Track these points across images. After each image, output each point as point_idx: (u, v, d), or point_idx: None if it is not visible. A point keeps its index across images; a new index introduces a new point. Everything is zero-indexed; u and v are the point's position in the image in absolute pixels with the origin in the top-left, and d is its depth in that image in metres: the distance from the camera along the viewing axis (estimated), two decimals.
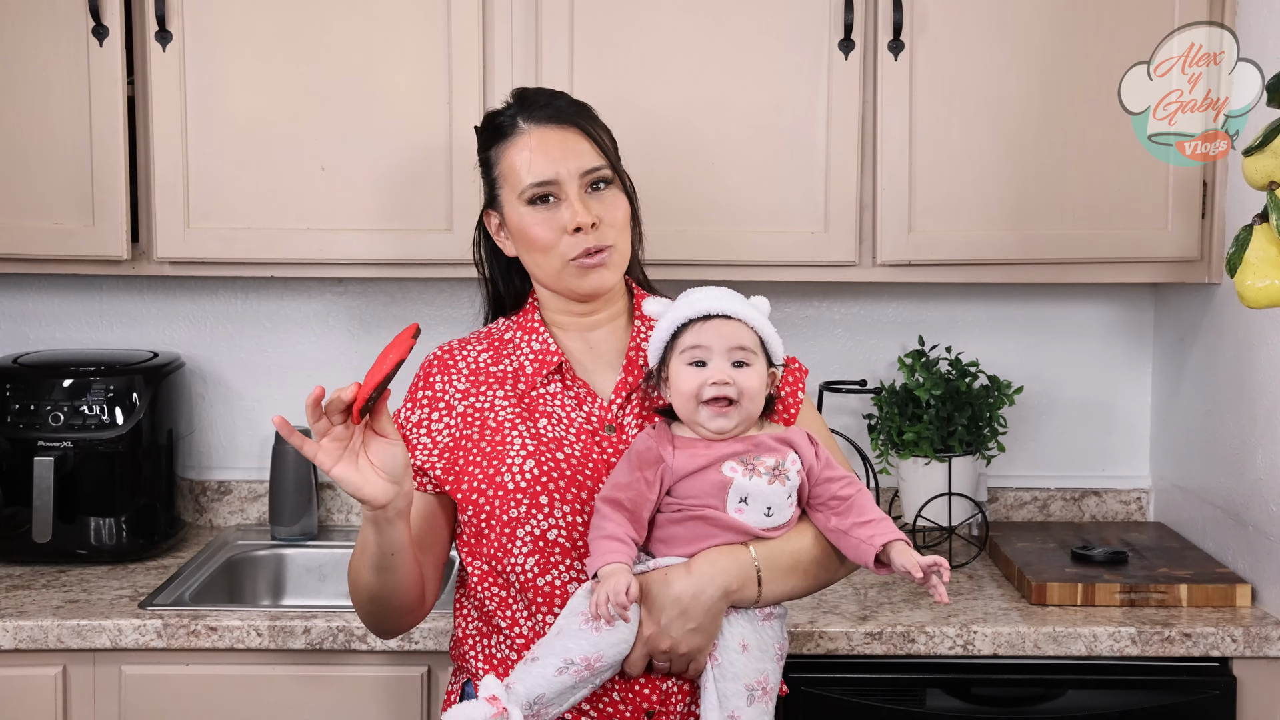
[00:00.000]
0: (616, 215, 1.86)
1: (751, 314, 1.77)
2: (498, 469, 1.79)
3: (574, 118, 1.89)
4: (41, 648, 2.21)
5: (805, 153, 2.45)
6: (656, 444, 1.75)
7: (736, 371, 1.74)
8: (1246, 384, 2.39)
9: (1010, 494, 2.84)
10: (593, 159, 1.86)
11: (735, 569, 1.72)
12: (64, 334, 2.84)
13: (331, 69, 2.44)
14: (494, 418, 1.83)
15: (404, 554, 1.73)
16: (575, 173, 1.84)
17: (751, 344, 1.76)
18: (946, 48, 2.43)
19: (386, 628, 1.88)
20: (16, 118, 2.45)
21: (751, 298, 1.82)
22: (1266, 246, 1.61)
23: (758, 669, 1.73)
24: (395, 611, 1.82)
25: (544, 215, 1.84)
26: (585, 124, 1.89)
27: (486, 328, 1.97)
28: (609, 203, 1.86)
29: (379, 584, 1.76)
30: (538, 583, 1.77)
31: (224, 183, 2.45)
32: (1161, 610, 2.30)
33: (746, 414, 1.75)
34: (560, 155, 1.84)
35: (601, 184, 1.86)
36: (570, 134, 1.86)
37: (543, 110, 1.88)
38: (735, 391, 1.73)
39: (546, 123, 1.87)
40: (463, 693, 1.86)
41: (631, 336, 1.90)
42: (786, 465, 1.75)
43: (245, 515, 2.84)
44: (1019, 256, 2.47)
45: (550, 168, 1.84)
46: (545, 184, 1.84)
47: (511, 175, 1.86)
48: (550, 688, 1.66)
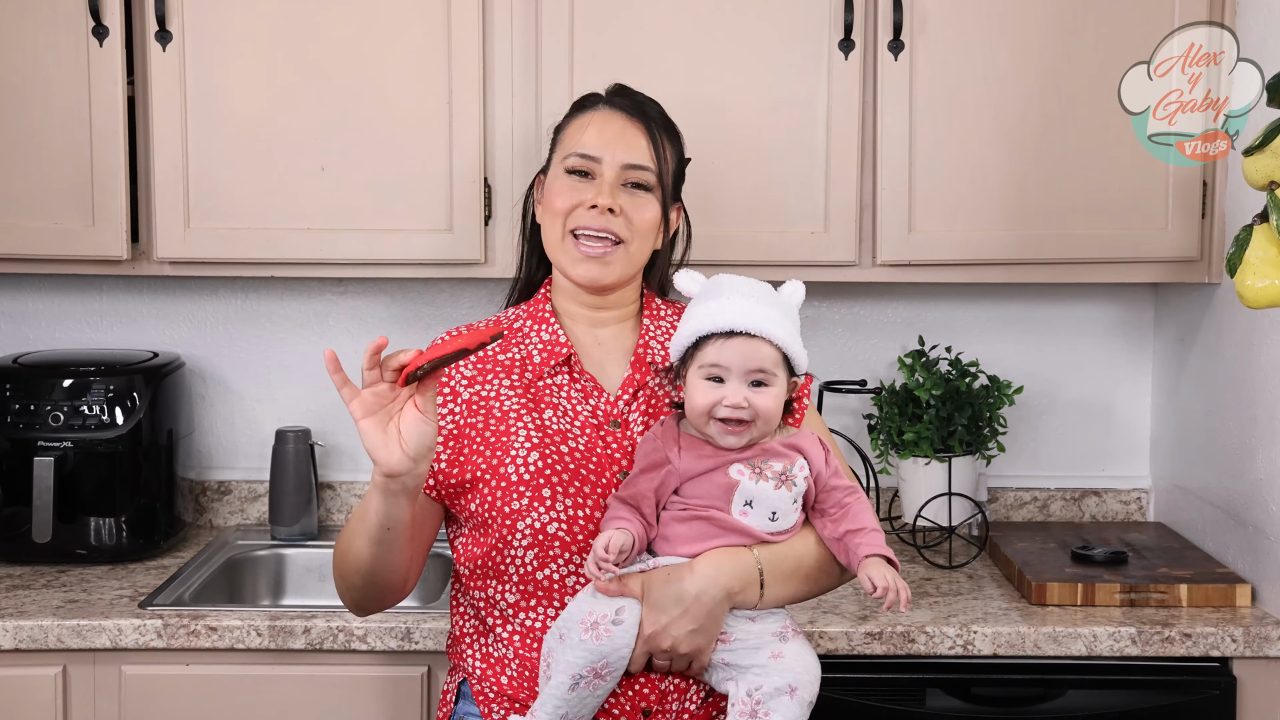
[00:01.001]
0: (644, 217, 1.86)
1: (776, 329, 1.72)
2: (501, 460, 1.79)
3: (648, 118, 1.90)
4: (41, 648, 2.21)
5: (805, 153, 2.45)
6: (662, 445, 1.74)
7: (754, 392, 1.71)
8: (1246, 384, 2.39)
9: (1010, 494, 2.84)
10: (642, 158, 1.86)
11: (738, 571, 1.72)
12: (64, 334, 2.84)
13: (331, 69, 2.44)
14: (499, 407, 1.83)
15: (402, 532, 1.72)
16: (619, 161, 1.85)
17: (772, 363, 1.72)
18: (946, 48, 2.43)
19: (367, 605, 1.85)
20: (16, 118, 2.45)
21: (784, 285, 1.79)
22: (1266, 246, 1.61)
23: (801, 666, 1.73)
24: (381, 588, 1.80)
25: (573, 183, 1.86)
26: (657, 129, 1.89)
27: (496, 316, 1.97)
28: (638, 204, 1.86)
29: (371, 557, 1.74)
30: (537, 576, 1.77)
31: (224, 183, 2.45)
32: (1161, 610, 2.30)
33: (760, 433, 1.74)
34: (614, 138, 1.86)
35: (639, 187, 1.86)
36: (634, 127, 1.88)
37: (627, 100, 1.92)
38: (750, 414, 1.71)
39: (618, 109, 1.90)
40: (458, 693, 1.86)
41: (640, 334, 1.90)
42: (794, 471, 1.74)
43: (245, 515, 2.84)
44: (1019, 256, 2.47)
45: (599, 144, 1.86)
46: (587, 157, 1.86)
47: (567, 141, 1.90)
48: (570, 705, 1.68)
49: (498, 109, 2.45)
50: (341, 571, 1.81)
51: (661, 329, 1.91)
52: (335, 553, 1.82)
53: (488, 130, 2.45)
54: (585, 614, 1.69)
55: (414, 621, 2.22)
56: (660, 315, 1.93)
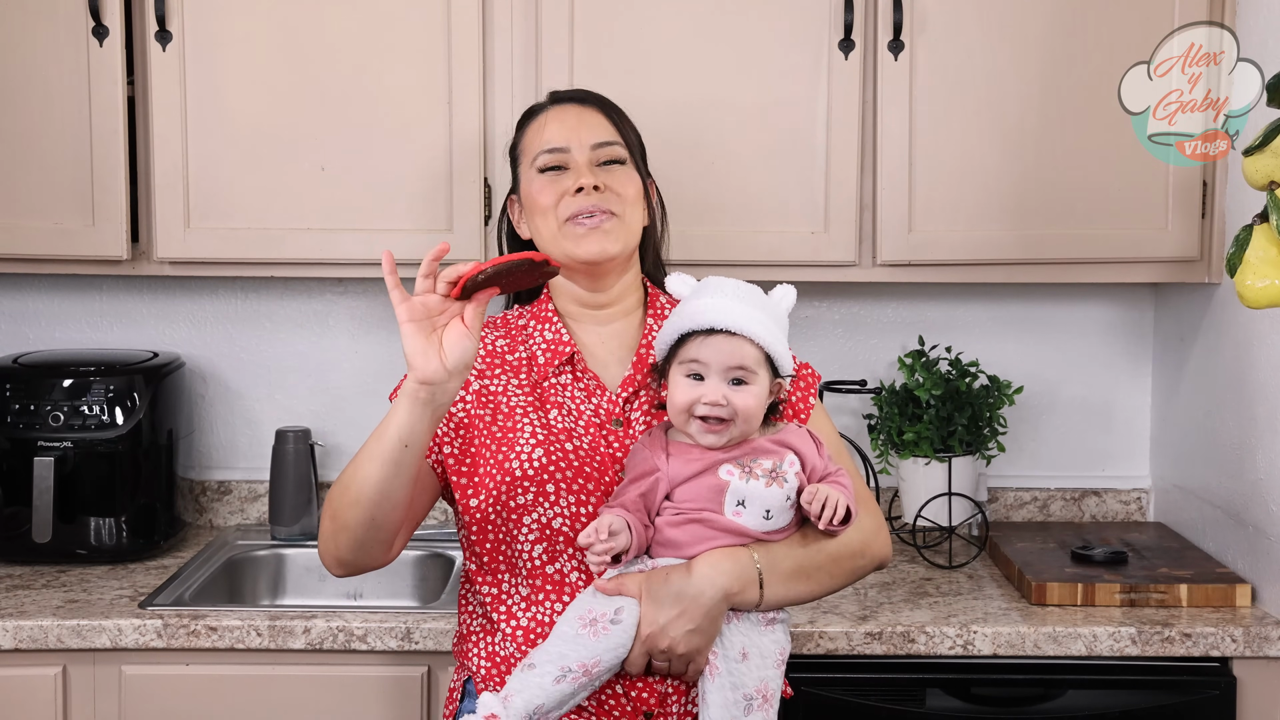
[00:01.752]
0: (627, 189, 1.88)
1: (758, 328, 1.72)
2: (506, 455, 1.79)
3: (597, 101, 1.96)
4: (41, 648, 2.21)
5: (805, 153, 2.45)
6: (650, 453, 1.74)
7: (733, 391, 1.72)
8: (1246, 384, 2.39)
9: (1010, 494, 2.84)
10: (605, 133, 1.91)
11: (736, 571, 1.72)
12: (64, 334, 2.84)
13: (331, 69, 2.44)
14: (506, 403, 1.83)
15: (416, 454, 1.69)
16: (587, 143, 1.89)
17: (753, 362, 1.73)
18: (946, 48, 2.43)
19: (354, 553, 1.77)
20: (16, 118, 2.45)
21: (775, 289, 1.80)
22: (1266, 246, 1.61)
23: (758, 677, 1.72)
24: (376, 528, 1.74)
25: (550, 179, 1.88)
26: (608, 109, 1.95)
27: (503, 315, 1.97)
28: (618, 177, 1.89)
29: (379, 480, 1.69)
30: (546, 570, 1.78)
31: (224, 183, 2.45)
32: (1161, 610, 2.30)
33: (740, 432, 1.73)
34: (575, 125, 1.90)
35: (614, 162, 1.90)
36: (589, 111, 1.93)
37: (569, 94, 1.98)
38: (729, 412, 1.71)
39: (568, 102, 1.96)
40: (464, 691, 1.86)
41: (645, 332, 1.91)
42: (784, 468, 1.74)
43: (245, 515, 2.84)
44: (1019, 256, 2.47)
45: (563, 136, 1.89)
46: (556, 150, 1.88)
47: (529, 148, 1.92)
48: (549, 697, 1.66)
49: (498, 109, 2.45)
50: (338, 509, 1.75)
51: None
52: (332, 492, 1.77)
53: (488, 130, 2.45)
54: (585, 610, 1.69)
55: (414, 621, 2.22)
56: (664, 314, 1.93)
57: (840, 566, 1.81)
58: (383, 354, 2.81)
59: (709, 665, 1.71)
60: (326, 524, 1.79)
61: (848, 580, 1.84)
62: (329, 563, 1.82)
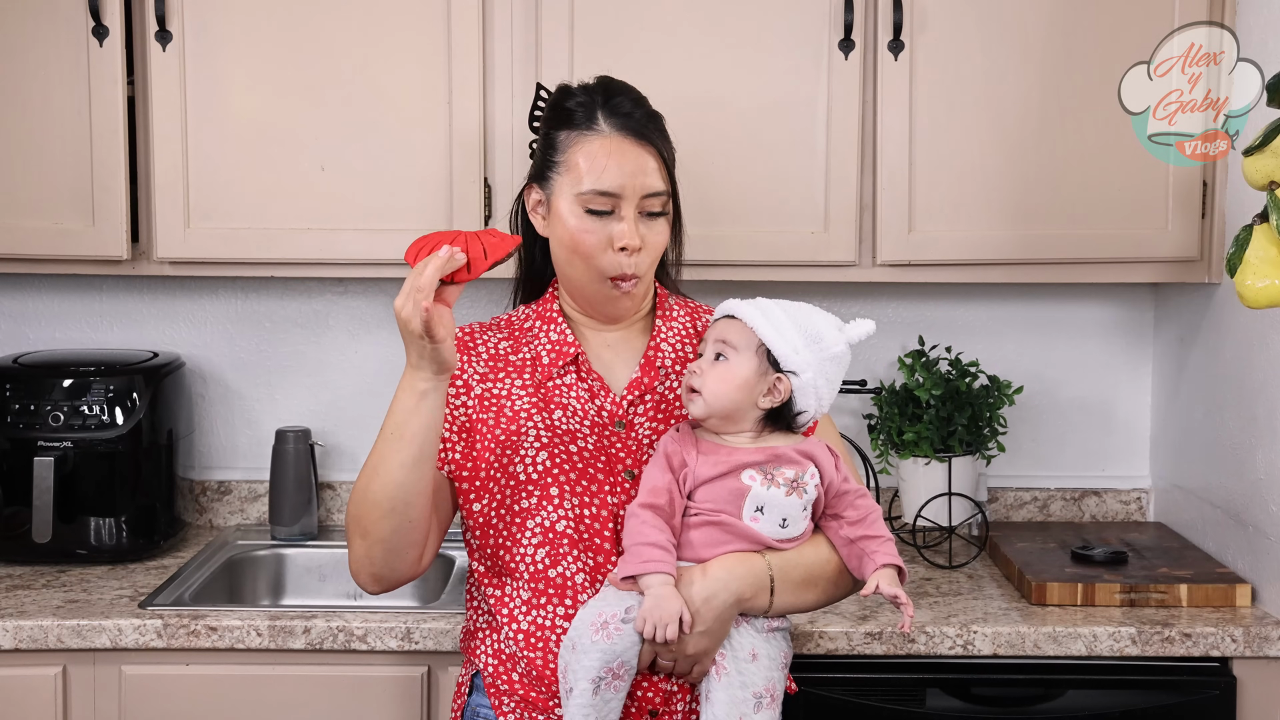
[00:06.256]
0: (658, 241, 1.86)
1: (761, 320, 1.76)
2: (511, 459, 1.80)
3: (652, 136, 1.86)
4: (41, 648, 2.21)
5: (805, 153, 2.45)
6: (680, 448, 1.76)
7: (711, 364, 1.76)
8: (1246, 384, 2.39)
9: (1010, 494, 2.84)
10: (658, 183, 1.84)
11: (750, 577, 1.73)
12: (64, 334, 2.84)
13: (331, 69, 2.44)
14: (510, 406, 1.84)
15: (434, 437, 1.73)
16: (639, 192, 1.82)
17: (740, 341, 1.76)
18: (946, 48, 2.43)
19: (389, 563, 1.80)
20: (16, 118, 2.45)
21: (851, 324, 1.81)
22: (1266, 246, 1.61)
23: (766, 677, 1.74)
24: (409, 531, 1.77)
25: (596, 224, 1.81)
26: (660, 143, 1.86)
27: (507, 315, 1.97)
28: (656, 231, 1.85)
29: (401, 480, 1.73)
30: (549, 574, 1.78)
31: (224, 183, 2.45)
32: (1161, 610, 2.30)
33: (707, 407, 1.76)
34: (632, 171, 1.81)
35: (658, 214, 1.85)
36: (646, 152, 1.83)
37: (625, 118, 1.85)
38: (699, 382, 1.75)
39: (625, 132, 1.83)
40: (472, 685, 1.88)
41: (652, 335, 1.91)
42: (805, 479, 1.76)
43: (245, 515, 2.84)
44: (1019, 256, 2.47)
45: (618, 181, 1.81)
46: (608, 195, 1.81)
47: (575, 169, 1.83)
48: (597, 709, 1.69)
49: (498, 109, 2.45)
50: (367, 525, 1.77)
51: (673, 330, 1.92)
52: (354, 510, 1.78)
53: (488, 130, 2.45)
54: (594, 617, 1.70)
55: (414, 621, 2.22)
56: (672, 316, 1.93)
57: (844, 579, 1.83)
58: (383, 354, 2.81)
59: (715, 666, 1.73)
60: (357, 543, 1.80)
61: (848, 593, 1.86)
62: (364, 581, 1.84)
